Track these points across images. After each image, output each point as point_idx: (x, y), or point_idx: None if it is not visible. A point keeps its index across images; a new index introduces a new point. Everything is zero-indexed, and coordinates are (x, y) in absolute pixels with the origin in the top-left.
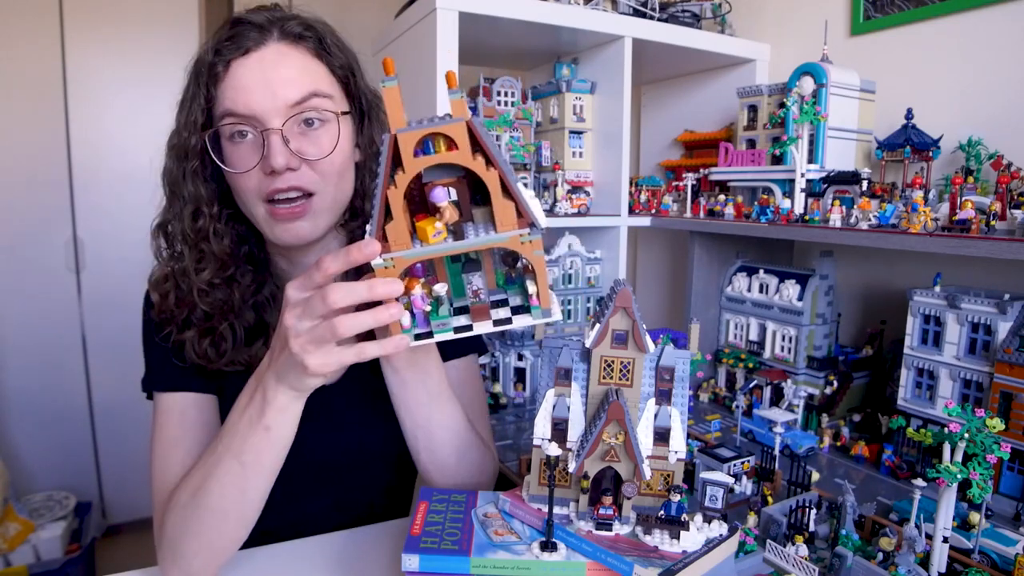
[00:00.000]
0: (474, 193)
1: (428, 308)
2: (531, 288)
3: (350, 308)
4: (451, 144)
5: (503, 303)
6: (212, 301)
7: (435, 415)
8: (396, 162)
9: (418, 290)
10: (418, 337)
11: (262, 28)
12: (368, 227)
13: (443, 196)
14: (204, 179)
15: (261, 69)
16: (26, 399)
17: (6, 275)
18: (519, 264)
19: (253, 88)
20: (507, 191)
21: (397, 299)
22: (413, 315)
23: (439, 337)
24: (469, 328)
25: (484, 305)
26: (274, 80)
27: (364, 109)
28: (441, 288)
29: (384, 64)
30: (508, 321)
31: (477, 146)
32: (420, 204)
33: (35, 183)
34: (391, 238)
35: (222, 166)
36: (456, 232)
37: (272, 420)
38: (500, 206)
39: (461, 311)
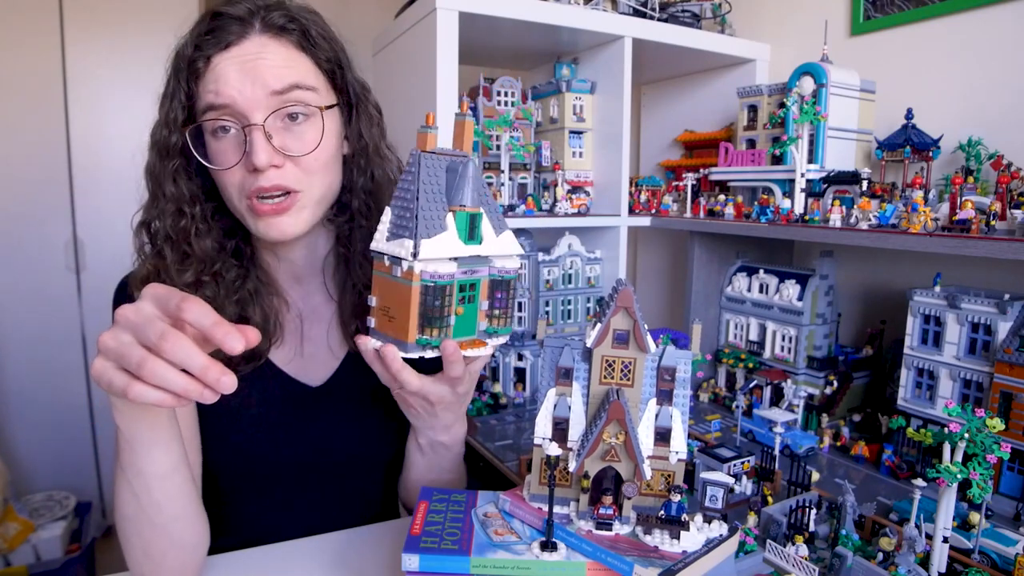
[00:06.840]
0: None
1: None
2: None
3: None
4: None
5: None
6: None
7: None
8: None
9: None
10: None
11: (243, 20)
12: None
13: None
14: (188, 177)
15: (242, 62)
16: (26, 399)
17: (6, 275)
18: None
19: (234, 82)
20: None
21: None
22: None
23: None
24: None
25: None
26: (254, 72)
27: (352, 102)
28: None
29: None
30: None
31: None
32: None
33: (35, 183)
34: None
35: (204, 163)
36: None
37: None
38: None
39: None
